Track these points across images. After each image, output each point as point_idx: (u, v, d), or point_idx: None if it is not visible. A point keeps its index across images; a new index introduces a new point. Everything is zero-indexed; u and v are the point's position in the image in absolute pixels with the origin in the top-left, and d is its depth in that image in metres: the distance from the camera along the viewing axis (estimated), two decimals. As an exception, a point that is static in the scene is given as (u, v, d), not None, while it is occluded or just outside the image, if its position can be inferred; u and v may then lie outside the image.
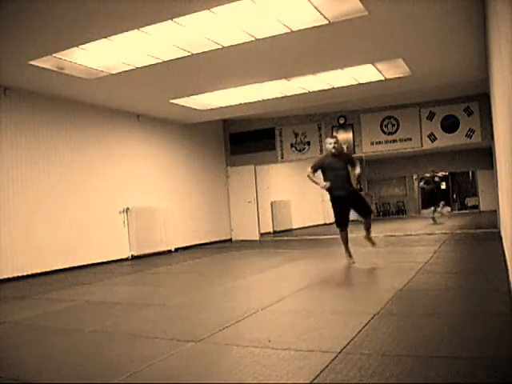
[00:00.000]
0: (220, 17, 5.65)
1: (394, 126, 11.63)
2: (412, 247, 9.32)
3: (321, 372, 2.64)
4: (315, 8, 5.55)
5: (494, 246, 7.81)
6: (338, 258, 8.46)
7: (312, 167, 6.66)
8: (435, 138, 11.26)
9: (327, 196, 6.84)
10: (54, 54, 6.50)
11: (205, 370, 2.91)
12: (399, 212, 24.27)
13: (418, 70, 8.47)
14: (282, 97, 9.85)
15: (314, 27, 6.08)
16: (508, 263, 5.15)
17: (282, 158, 12.90)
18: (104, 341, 3.69)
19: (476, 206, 23.14)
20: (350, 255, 6.79)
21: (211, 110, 10.58)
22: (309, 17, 5.79)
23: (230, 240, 13.31)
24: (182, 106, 9.99)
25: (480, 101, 10.63)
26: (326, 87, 9.29)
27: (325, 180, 6.62)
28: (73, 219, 8.67)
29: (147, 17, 5.52)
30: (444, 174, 24.72)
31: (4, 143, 7.64)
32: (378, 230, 14.27)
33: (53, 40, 6.02)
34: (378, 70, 8.39)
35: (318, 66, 7.99)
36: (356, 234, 8.42)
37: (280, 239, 13.22)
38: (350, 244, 6.84)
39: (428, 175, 15.81)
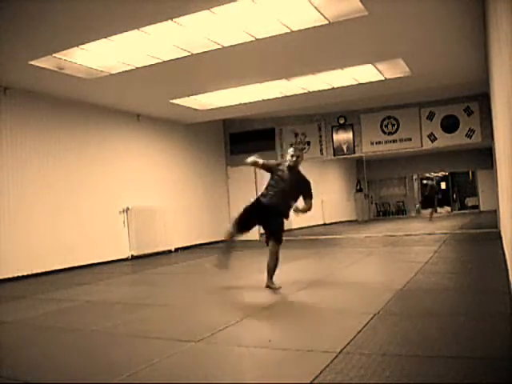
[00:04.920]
0: (220, 17, 5.65)
1: (393, 126, 11.61)
2: (412, 247, 9.32)
3: (321, 372, 2.63)
4: (315, 8, 5.55)
5: (494, 246, 7.81)
6: (337, 258, 8.47)
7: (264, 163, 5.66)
8: (435, 138, 11.25)
9: (327, 196, 6.80)
10: (54, 54, 6.49)
11: (205, 369, 2.90)
12: (399, 212, 24.26)
13: (417, 70, 8.46)
14: (282, 97, 9.84)
15: (314, 27, 6.08)
16: (508, 263, 5.15)
17: (282, 158, 12.89)
18: (104, 341, 3.68)
19: (476, 206, 23.12)
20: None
21: (211, 110, 10.57)
22: (309, 17, 5.79)
23: (230, 240, 13.29)
24: (182, 106, 9.98)
25: (480, 101, 10.62)
26: (326, 87, 9.28)
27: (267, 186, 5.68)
28: (73, 219, 8.66)
29: (147, 17, 5.52)
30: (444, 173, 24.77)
31: (4, 143, 7.63)
32: (378, 230, 14.27)
33: (53, 40, 6.02)
34: (378, 70, 8.38)
35: (318, 66, 7.98)
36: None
37: (280, 239, 13.19)
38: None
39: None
